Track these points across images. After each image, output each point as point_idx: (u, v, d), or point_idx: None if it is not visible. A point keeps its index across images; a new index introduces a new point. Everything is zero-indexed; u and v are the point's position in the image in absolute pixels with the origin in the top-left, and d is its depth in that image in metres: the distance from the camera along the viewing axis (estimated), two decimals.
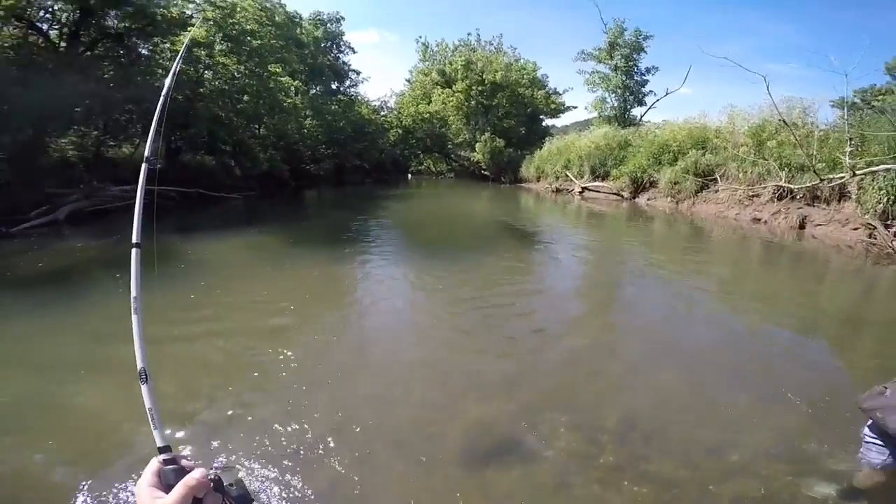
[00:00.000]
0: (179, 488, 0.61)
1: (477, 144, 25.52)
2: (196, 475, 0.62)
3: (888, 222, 7.50)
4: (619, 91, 23.51)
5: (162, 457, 0.66)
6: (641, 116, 24.08)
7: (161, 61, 11.32)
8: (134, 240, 0.82)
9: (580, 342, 4.12)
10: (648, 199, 14.76)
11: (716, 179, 12.48)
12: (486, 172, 25.66)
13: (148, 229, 0.84)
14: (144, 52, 11.50)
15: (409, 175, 27.56)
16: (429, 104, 27.61)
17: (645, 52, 23.08)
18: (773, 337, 4.37)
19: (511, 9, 72.54)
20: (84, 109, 10.20)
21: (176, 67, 1.04)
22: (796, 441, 2.56)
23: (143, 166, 0.90)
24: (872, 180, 7.67)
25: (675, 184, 13.43)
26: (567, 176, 18.48)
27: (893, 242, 7.12)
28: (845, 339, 4.43)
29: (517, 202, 17.37)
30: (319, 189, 18.26)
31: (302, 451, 2.42)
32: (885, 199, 7.50)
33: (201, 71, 12.24)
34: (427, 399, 3.06)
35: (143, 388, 0.72)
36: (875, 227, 7.64)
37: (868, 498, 2.12)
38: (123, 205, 8.96)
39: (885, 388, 1.96)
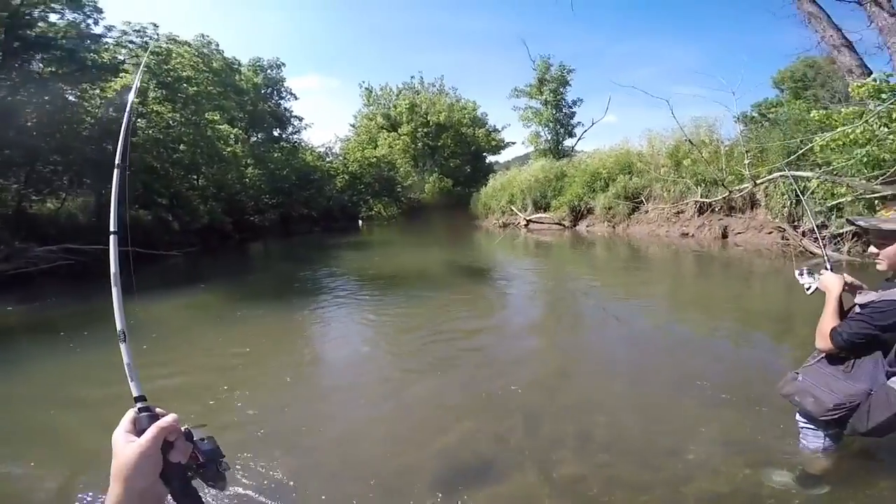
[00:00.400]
0: (152, 429, 0.65)
1: (426, 185, 26.26)
2: (168, 418, 0.67)
3: (795, 223, 8.37)
4: (550, 124, 25.13)
5: (138, 405, 0.70)
6: (573, 147, 25.78)
7: (90, 108, 10.79)
8: (112, 228, 0.90)
9: (535, 365, 4.24)
10: (587, 226, 15.56)
11: (643, 201, 13.45)
12: (435, 212, 26.49)
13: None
14: (72, 98, 10.82)
15: (360, 221, 27.44)
16: (375, 148, 27.86)
17: (570, 84, 25.05)
18: (712, 341, 4.69)
19: (448, 51, 76.07)
20: (2, 159, 9.40)
21: (136, 83, 1.06)
22: (747, 435, 2.71)
23: (115, 172, 0.91)
24: (775, 187, 8.60)
25: (609, 209, 14.29)
26: (512, 210, 19.18)
27: (802, 241, 7.92)
28: (774, 335, 4.82)
29: (470, 241, 17.65)
30: (265, 241, 17.70)
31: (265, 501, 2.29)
32: (789, 203, 8.40)
33: (134, 119, 11.83)
34: (392, 433, 3.02)
35: (122, 346, 0.78)
36: (784, 230, 8.50)
37: (824, 481, 2.21)
38: (48, 267, 8.27)
39: (797, 373, 2.10)
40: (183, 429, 0.69)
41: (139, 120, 11.65)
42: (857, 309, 1.92)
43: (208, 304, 7.23)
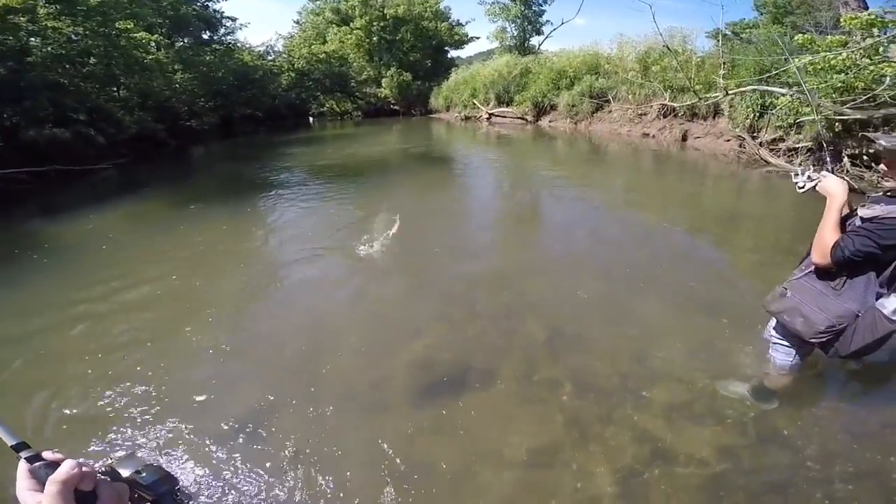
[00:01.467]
0: (49, 486, 0.53)
1: (383, 80, 24.76)
2: (63, 469, 0.54)
3: (754, 134, 8.51)
4: (518, 21, 23.77)
5: (23, 455, 0.57)
6: (540, 45, 24.72)
7: None
8: None
9: (501, 263, 4.24)
10: (550, 122, 15.48)
11: (609, 101, 13.29)
12: (395, 107, 25.44)
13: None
14: None
15: (311, 118, 25.68)
16: (324, 44, 25.38)
17: None
18: (671, 238, 4.77)
19: None
20: None
21: None
22: (707, 342, 2.77)
23: None
24: (741, 99, 8.57)
25: (572, 106, 14.20)
26: (474, 104, 18.68)
27: (759, 151, 8.11)
28: (730, 235, 4.95)
29: (429, 132, 17.33)
30: (206, 145, 16.33)
31: (237, 426, 2.23)
32: (751, 115, 8.46)
33: (24, 39, 9.97)
34: (363, 343, 2.94)
35: None
36: (744, 139, 8.64)
37: (775, 397, 2.26)
38: None
39: (786, 289, 1.96)
40: (101, 470, 0.57)
41: (31, 39, 9.94)
42: (859, 222, 1.75)
43: (151, 211, 6.75)
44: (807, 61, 5.58)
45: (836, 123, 6.08)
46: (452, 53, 29.77)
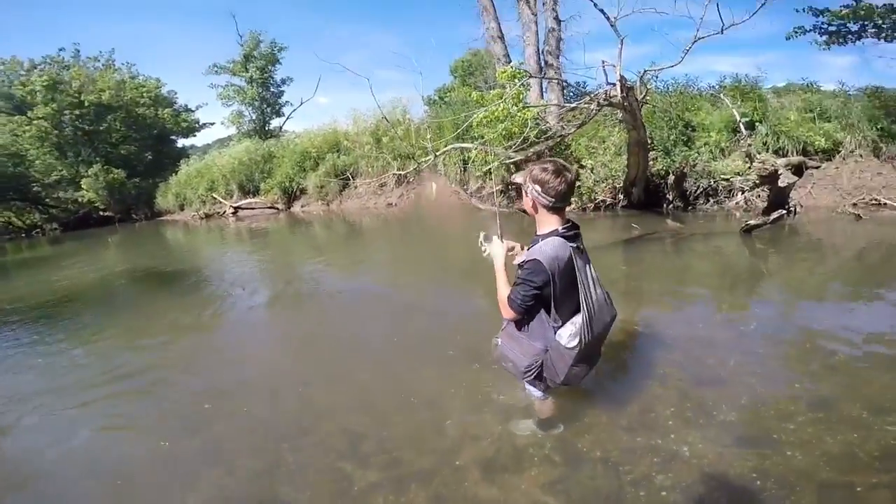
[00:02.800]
0: None
1: (83, 181, 19.77)
2: None
3: (465, 186, 10.43)
4: (256, 103, 23.32)
5: None
6: (281, 127, 24.64)
7: None
8: None
9: (270, 365, 3.94)
10: (303, 206, 15.40)
11: (350, 177, 14.23)
12: (107, 213, 20.70)
13: None
14: None
15: None
16: None
17: (280, 63, 23.66)
18: (427, 299, 5.25)
19: (127, 21, 59.99)
20: None
21: None
22: (484, 392, 3.03)
23: None
24: (448, 158, 10.47)
25: (321, 188, 14.49)
26: (214, 198, 16.91)
27: (471, 200, 9.92)
28: (469, 285, 5.60)
29: (162, 240, 14.47)
30: None
31: None
32: (460, 171, 10.39)
33: None
34: None
35: None
36: (459, 192, 10.50)
37: (557, 420, 2.58)
38: None
39: (498, 339, 2.26)
40: None
41: None
42: (518, 271, 2.05)
43: None
44: (481, 116, 7.06)
45: (511, 166, 7.97)
46: (183, 142, 26.83)
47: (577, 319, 1.99)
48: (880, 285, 4.77)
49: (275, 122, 24.72)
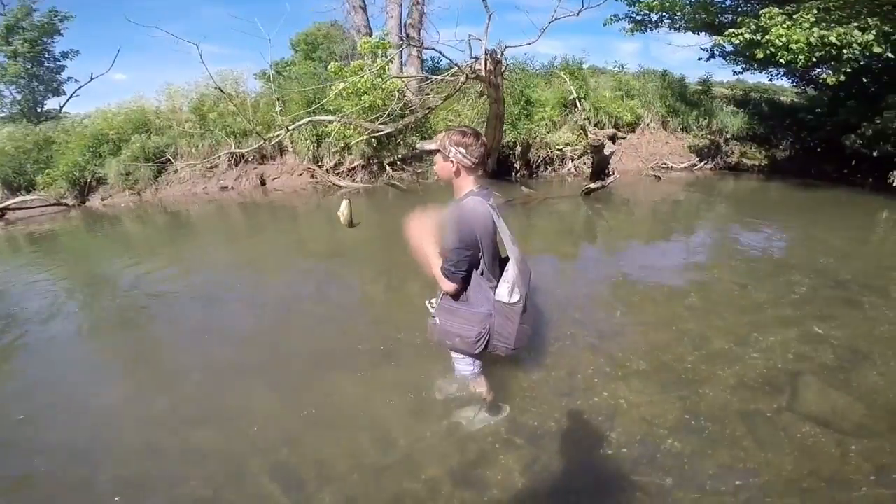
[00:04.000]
0: None
1: None
2: None
3: (320, 163, 9.55)
4: (22, 81, 17.94)
5: None
6: (61, 108, 19.31)
7: None
8: None
9: (137, 411, 3.01)
10: (103, 199, 12.21)
11: (169, 160, 11.87)
12: None
13: None
14: None
15: None
16: None
17: (61, 34, 18.41)
18: (304, 294, 4.49)
19: None
20: None
21: None
22: (418, 385, 2.79)
23: None
24: (299, 133, 9.43)
25: (127, 174, 11.78)
26: None
27: (329, 177, 9.14)
28: (347, 269, 5.14)
29: None
30: None
31: None
32: (312, 147, 9.45)
33: None
34: None
35: None
36: (314, 169, 9.57)
37: (500, 402, 2.54)
38: None
39: (434, 317, 2.15)
40: None
41: None
42: (443, 239, 1.98)
43: None
44: (341, 88, 6.47)
45: (373, 139, 7.56)
46: None
47: (508, 276, 1.95)
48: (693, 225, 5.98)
49: (51, 103, 19.60)
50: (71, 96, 19.88)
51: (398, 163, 8.76)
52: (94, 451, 2.47)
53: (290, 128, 6.14)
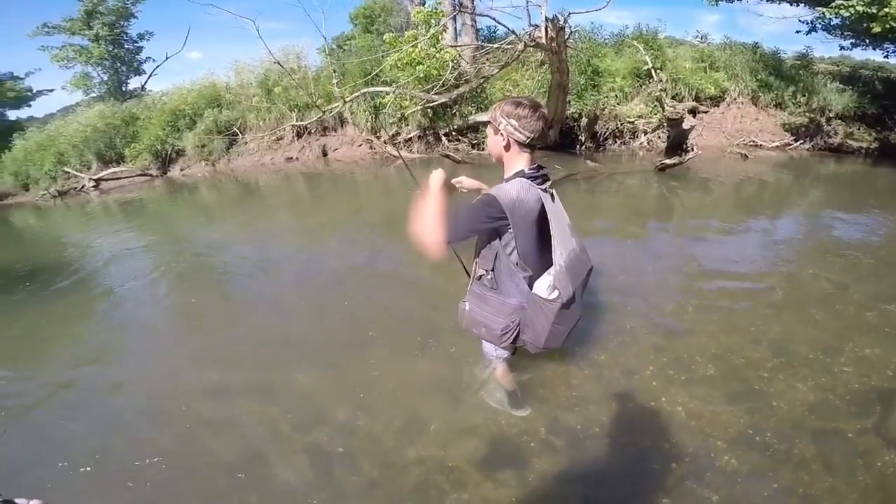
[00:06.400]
0: None
1: None
2: None
3: (377, 134, 9.56)
4: (106, 62, 19.49)
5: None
6: (143, 86, 20.92)
7: None
8: None
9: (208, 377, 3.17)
10: (182, 170, 13.22)
11: (238, 133, 12.47)
12: None
13: None
14: None
15: None
16: None
17: (135, 17, 19.84)
18: (362, 266, 4.50)
19: None
20: None
21: None
22: (450, 366, 2.72)
23: None
24: (357, 105, 9.46)
25: (202, 147, 12.57)
26: (67, 173, 13.81)
27: (386, 148, 9.13)
28: (397, 240, 4.95)
29: (9, 229, 11.05)
30: None
31: None
32: (371, 118, 9.46)
33: None
34: None
35: None
36: (372, 141, 9.61)
37: (521, 399, 2.39)
38: None
39: (465, 301, 1.99)
40: None
41: None
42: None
43: None
44: (395, 58, 6.30)
45: (428, 110, 7.37)
46: (15, 114, 21.63)
47: (553, 269, 1.72)
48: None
49: (134, 83, 21.07)
50: (151, 75, 21.44)
51: (454, 133, 8.54)
52: (140, 421, 2.62)
53: (346, 99, 6.09)
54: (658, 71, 9.19)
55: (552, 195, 1.74)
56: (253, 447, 2.29)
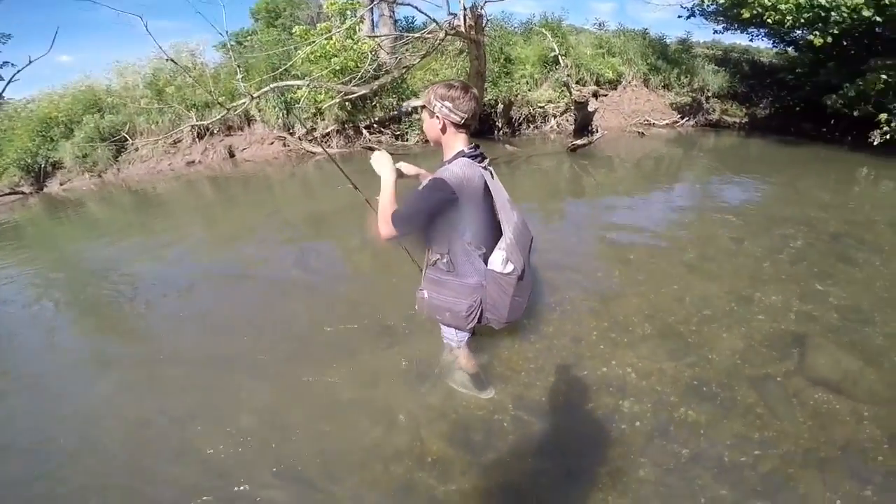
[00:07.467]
0: None
1: None
2: None
3: (291, 131, 9.05)
4: None
5: None
6: (1, 93, 17.89)
7: None
8: None
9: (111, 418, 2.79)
10: (62, 184, 11.49)
11: (127, 138, 11.11)
12: None
13: None
14: None
15: None
16: None
17: None
18: (287, 270, 4.19)
19: None
20: None
21: None
22: (408, 355, 2.71)
23: None
24: (266, 101, 8.85)
25: (84, 156, 11.05)
26: None
27: (302, 144, 8.69)
28: (324, 236, 4.91)
29: None
30: None
31: None
32: (282, 114, 8.92)
33: None
34: None
35: None
36: (285, 138, 9.08)
37: (484, 378, 2.45)
38: None
39: (423, 289, 1.99)
40: None
41: None
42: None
43: None
44: (308, 51, 5.99)
45: (346, 103, 7.12)
46: None
47: (503, 244, 1.77)
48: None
49: None
50: (9, 81, 18.31)
51: (375, 126, 8.36)
52: (82, 452, 2.27)
53: (254, 95, 5.65)
54: (564, 57, 9.70)
55: (491, 172, 1.78)
56: (216, 470, 2.07)
